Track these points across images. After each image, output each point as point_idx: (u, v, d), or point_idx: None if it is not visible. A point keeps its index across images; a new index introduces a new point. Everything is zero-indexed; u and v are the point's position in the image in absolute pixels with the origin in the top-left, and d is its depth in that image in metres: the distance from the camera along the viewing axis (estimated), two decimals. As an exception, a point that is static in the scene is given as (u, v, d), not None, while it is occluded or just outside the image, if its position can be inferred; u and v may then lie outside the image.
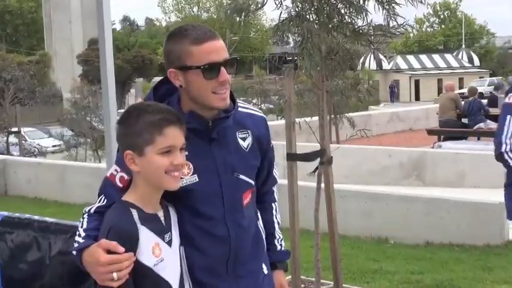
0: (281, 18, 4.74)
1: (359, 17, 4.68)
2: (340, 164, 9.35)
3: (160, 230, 2.38)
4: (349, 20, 4.72)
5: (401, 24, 4.69)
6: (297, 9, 4.68)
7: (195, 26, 2.45)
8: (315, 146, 5.17)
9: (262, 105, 32.91)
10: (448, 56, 67.64)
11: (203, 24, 2.63)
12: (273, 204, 2.85)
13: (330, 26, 4.73)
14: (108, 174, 2.48)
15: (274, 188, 2.86)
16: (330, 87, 5.44)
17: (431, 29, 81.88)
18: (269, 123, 2.75)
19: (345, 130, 15.61)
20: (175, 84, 2.47)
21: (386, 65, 62.92)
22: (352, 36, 4.72)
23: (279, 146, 2.91)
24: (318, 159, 5.12)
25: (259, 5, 4.81)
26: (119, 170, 2.45)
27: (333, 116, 14.27)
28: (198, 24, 2.52)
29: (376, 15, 4.70)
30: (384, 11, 4.62)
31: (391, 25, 4.65)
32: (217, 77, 2.41)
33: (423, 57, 66.91)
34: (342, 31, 4.72)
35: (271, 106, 30.76)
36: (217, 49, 2.42)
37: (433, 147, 15.27)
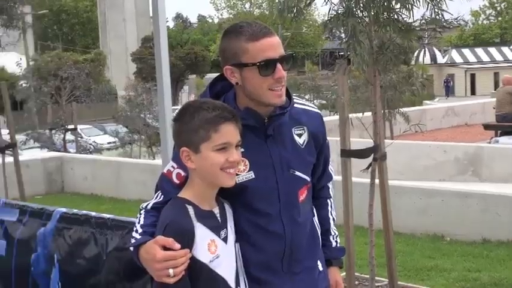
0: (330, 15, 4.72)
1: (405, 12, 4.62)
2: (394, 160, 9.26)
3: (216, 226, 2.39)
4: (396, 17, 4.67)
5: (456, 19, 4.61)
6: (343, 5, 4.64)
7: (250, 23, 2.45)
8: (369, 142, 5.13)
9: (315, 101, 32.78)
10: (505, 49, 66.27)
11: (256, 20, 2.63)
12: (328, 201, 2.84)
13: (380, 21, 4.68)
14: (165, 171, 2.51)
15: (330, 184, 2.85)
16: (383, 82, 5.39)
17: (488, 22, 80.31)
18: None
19: (399, 125, 15.45)
20: (231, 81, 2.48)
21: (441, 59, 62.02)
22: (400, 32, 4.67)
23: (332, 142, 2.88)
24: (372, 156, 5.08)
25: (308, 1, 4.79)
26: (175, 166, 2.47)
27: (386, 111, 14.13)
28: (253, 21, 2.52)
29: (423, 10, 4.63)
30: (430, 5, 4.55)
31: (439, 20, 4.58)
32: (273, 73, 2.41)
33: (479, 51, 65.74)
34: (389, 27, 4.67)
35: (323, 102, 30.61)
36: (273, 45, 2.42)
37: (489, 143, 14.99)
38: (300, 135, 2.59)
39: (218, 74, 2.58)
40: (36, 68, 27.64)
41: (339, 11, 4.67)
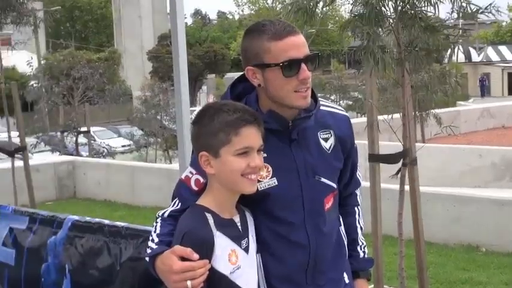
0: (352, 13, 4.70)
1: (430, 9, 4.60)
2: (425, 164, 9.21)
3: (237, 236, 2.39)
4: (421, 16, 4.64)
5: (486, 8, 4.57)
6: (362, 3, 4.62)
7: (273, 21, 2.45)
8: (398, 146, 5.11)
9: (341, 101, 32.71)
10: (545, 46, 65.68)
11: (278, 16, 2.63)
12: (355, 208, 2.83)
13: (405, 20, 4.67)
14: (182, 177, 2.51)
15: (357, 191, 2.83)
16: (414, 82, 5.36)
17: (527, 17, 79.57)
18: (350, 121, 2.73)
19: (430, 128, 15.38)
20: (253, 83, 2.47)
21: (476, 57, 61.60)
22: (426, 31, 4.64)
23: (359, 145, 2.88)
24: (402, 160, 5.06)
25: (327, 1, 4.78)
26: (194, 172, 2.47)
27: (417, 112, 14.08)
28: (276, 19, 2.52)
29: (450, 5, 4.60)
30: (456, 3, 4.52)
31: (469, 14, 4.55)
32: (297, 74, 2.41)
33: (517, 48, 65.20)
34: (414, 27, 4.65)
35: (350, 103, 30.53)
36: (297, 45, 2.41)
37: (528, 146, 14.88)
38: (326, 140, 2.58)
39: (239, 73, 2.58)
40: (48, 67, 27.85)
41: (358, 10, 4.64)
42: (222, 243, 2.34)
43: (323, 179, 2.54)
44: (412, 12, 4.64)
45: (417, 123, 14.58)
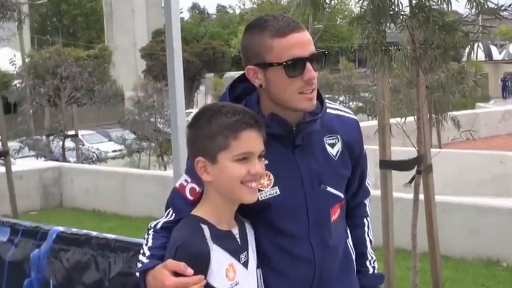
0: (361, 7, 4.71)
1: (443, 6, 4.61)
2: (441, 172, 9.21)
3: (236, 249, 2.39)
4: (435, 14, 4.65)
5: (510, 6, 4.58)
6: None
7: (276, 17, 2.45)
8: (412, 152, 5.11)
9: (351, 103, 32.74)
10: None
11: (283, 11, 2.63)
12: (364, 220, 2.82)
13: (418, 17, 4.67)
14: (177, 185, 2.51)
15: (367, 201, 2.83)
16: (429, 82, 5.37)
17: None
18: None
19: (447, 132, 15.38)
20: (254, 83, 2.48)
21: (497, 55, 61.62)
22: (441, 30, 4.64)
23: (370, 151, 2.88)
24: (416, 167, 5.05)
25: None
26: (189, 180, 2.47)
27: (433, 115, 14.07)
28: (280, 14, 2.52)
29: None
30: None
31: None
32: (302, 74, 2.41)
33: (542, 46, 65.22)
34: (427, 26, 4.65)
35: (360, 104, 30.54)
36: (302, 42, 2.41)
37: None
38: (332, 145, 2.58)
39: (239, 72, 2.59)
40: (33, 65, 27.87)
41: (367, 5, 4.64)
42: (218, 257, 2.33)
43: (329, 188, 2.54)
44: (426, 8, 4.64)
45: (433, 127, 14.57)
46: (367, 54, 4.55)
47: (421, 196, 5.07)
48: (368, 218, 2.84)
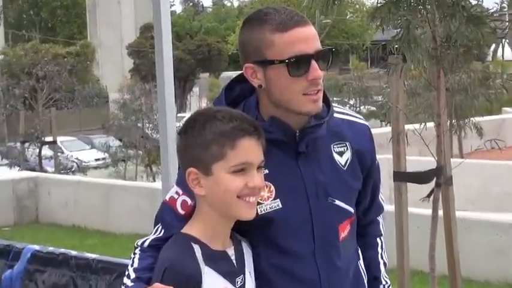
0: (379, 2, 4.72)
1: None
2: (463, 185, 9.21)
3: (231, 272, 2.38)
4: (463, 4, 4.65)
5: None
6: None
7: (277, 9, 2.45)
8: (431, 162, 5.11)
9: (362, 107, 32.78)
10: None
11: (285, 3, 2.63)
12: (378, 240, 2.81)
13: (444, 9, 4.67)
14: (167, 198, 2.51)
15: (380, 218, 2.82)
16: (450, 84, 5.37)
17: None
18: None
19: (470, 140, 15.38)
20: (253, 83, 2.47)
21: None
22: (469, 23, 4.64)
23: (383, 161, 2.88)
24: (434, 180, 5.05)
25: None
26: (180, 192, 2.47)
27: (454, 121, 14.09)
28: (281, 6, 2.51)
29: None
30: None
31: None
32: (306, 73, 2.40)
33: None
34: (454, 18, 4.65)
35: (372, 108, 30.58)
36: (307, 38, 2.41)
37: None
38: (341, 154, 2.57)
39: (237, 72, 2.59)
40: (6, 64, 27.99)
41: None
42: (211, 280, 2.33)
43: (337, 202, 2.53)
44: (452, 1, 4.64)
45: (454, 134, 14.58)
46: (400, 47, 4.54)
47: (440, 212, 5.07)
48: (382, 238, 2.83)
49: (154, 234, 2.48)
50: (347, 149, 2.58)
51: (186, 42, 51.42)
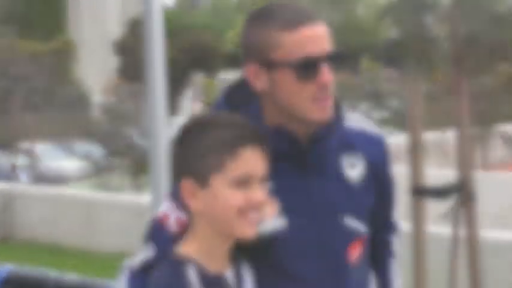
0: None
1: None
2: (488, 201, 9.20)
3: (228, 297, 2.38)
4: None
5: None
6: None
7: (285, 5, 2.46)
8: (451, 175, 5.11)
9: (374, 112, 32.77)
10: None
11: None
12: (391, 262, 2.81)
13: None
14: (158, 214, 2.51)
15: (394, 238, 2.82)
16: (472, 87, 5.39)
17: None
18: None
19: (495, 150, 15.39)
20: (256, 86, 2.48)
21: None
22: (493, 21, 4.66)
23: (398, 174, 2.88)
24: (456, 195, 5.06)
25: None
26: (173, 207, 2.47)
27: (477, 129, 14.10)
28: (289, 2, 2.52)
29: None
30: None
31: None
32: (316, 77, 2.41)
33: None
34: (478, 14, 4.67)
35: (386, 115, 30.59)
36: (317, 37, 2.42)
37: None
38: (352, 167, 2.58)
39: (236, 72, 2.58)
40: (-23, 62, 27.95)
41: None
42: (207, 307, 2.33)
43: (348, 220, 2.53)
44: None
45: (477, 144, 14.59)
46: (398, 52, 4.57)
47: (462, 232, 5.07)
48: (396, 260, 2.83)
49: (143, 254, 2.48)
50: (359, 161, 2.59)
51: (179, 39, 51.43)
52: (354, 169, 2.58)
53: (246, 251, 2.46)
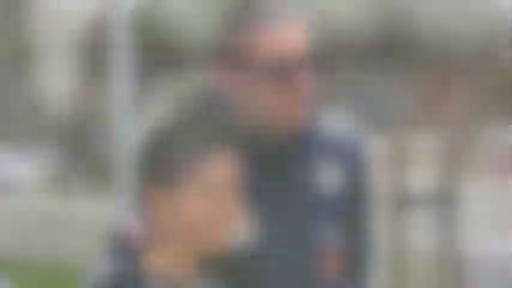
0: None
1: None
2: (482, 210, 9.22)
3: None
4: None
5: None
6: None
7: (258, 5, 2.47)
8: (436, 182, 5.14)
9: (350, 112, 32.72)
10: None
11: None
12: (365, 277, 2.82)
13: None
14: (121, 224, 2.51)
15: (371, 252, 2.83)
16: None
17: None
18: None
19: (485, 156, 15.38)
20: (227, 89, 2.50)
21: None
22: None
23: (378, 181, 2.88)
24: (440, 204, 5.09)
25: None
26: (137, 216, 2.47)
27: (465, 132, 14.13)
28: (263, 2, 2.54)
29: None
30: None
31: None
32: (291, 79, 2.44)
33: None
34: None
35: (364, 115, 30.57)
36: (293, 37, 2.44)
37: None
38: (327, 173, 2.60)
39: (208, 71, 2.60)
40: None
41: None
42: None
43: (321, 230, 2.55)
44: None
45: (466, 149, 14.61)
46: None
47: (445, 240, 5.10)
48: (372, 275, 2.85)
49: (104, 269, 2.48)
50: (335, 168, 2.61)
51: (147, 34, 51.29)
52: (328, 176, 2.60)
53: (217, 266, 2.48)
